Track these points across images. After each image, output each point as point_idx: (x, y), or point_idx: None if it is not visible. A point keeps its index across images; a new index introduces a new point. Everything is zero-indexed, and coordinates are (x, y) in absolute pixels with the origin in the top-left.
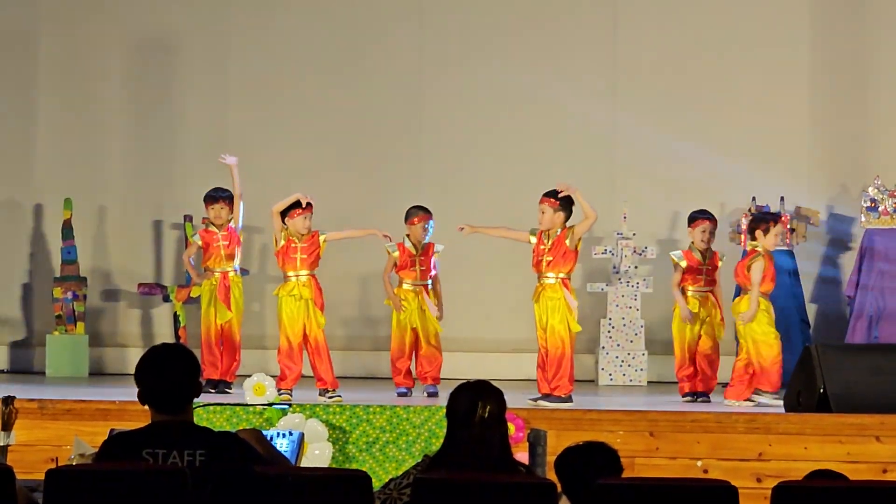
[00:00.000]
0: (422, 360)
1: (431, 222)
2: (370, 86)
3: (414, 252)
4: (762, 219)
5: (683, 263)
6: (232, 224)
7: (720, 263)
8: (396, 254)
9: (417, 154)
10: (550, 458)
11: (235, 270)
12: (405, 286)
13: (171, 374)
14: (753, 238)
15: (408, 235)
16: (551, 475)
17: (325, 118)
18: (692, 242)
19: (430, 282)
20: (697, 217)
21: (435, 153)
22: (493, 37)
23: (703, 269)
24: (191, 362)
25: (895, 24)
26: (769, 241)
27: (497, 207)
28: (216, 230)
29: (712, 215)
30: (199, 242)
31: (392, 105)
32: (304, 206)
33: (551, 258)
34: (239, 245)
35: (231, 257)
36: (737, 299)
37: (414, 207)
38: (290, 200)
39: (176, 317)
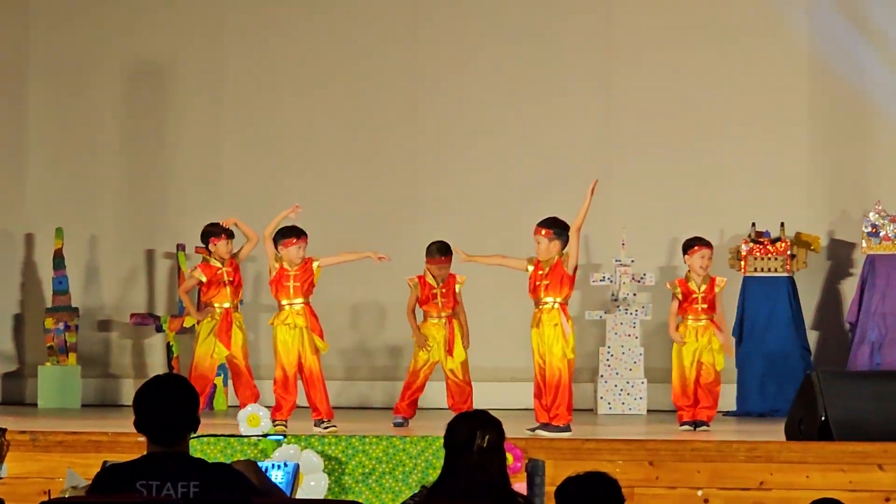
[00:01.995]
0: (451, 392)
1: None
2: (364, 110)
3: (435, 285)
4: None
5: (679, 293)
6: (236, 260)
7: (717, 289)
8: (418, 288)
9: (413, 178)
10: (549, 489)
11: (238, 306)
12: (431, 321)
13: (169, 405)
14: None
15: (428, 269)
16: None
17: (319, 143)
18: (688, 270)
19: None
20: (695, 243)
21: (431, 177)
22: (487, 63)
23: (700, 298)
24: (190, 394)
25: (893, 48)
26: None
27: (493, 233)
28: (219, 265)
29: (708, 241)
30: (202, 278)
31: (387, 130)
32: (298, 236)
33: (548, 282)
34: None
35: (238, 290)
36: None
37: (435, 246)
38: (279, 218)
39: (169, 347)
